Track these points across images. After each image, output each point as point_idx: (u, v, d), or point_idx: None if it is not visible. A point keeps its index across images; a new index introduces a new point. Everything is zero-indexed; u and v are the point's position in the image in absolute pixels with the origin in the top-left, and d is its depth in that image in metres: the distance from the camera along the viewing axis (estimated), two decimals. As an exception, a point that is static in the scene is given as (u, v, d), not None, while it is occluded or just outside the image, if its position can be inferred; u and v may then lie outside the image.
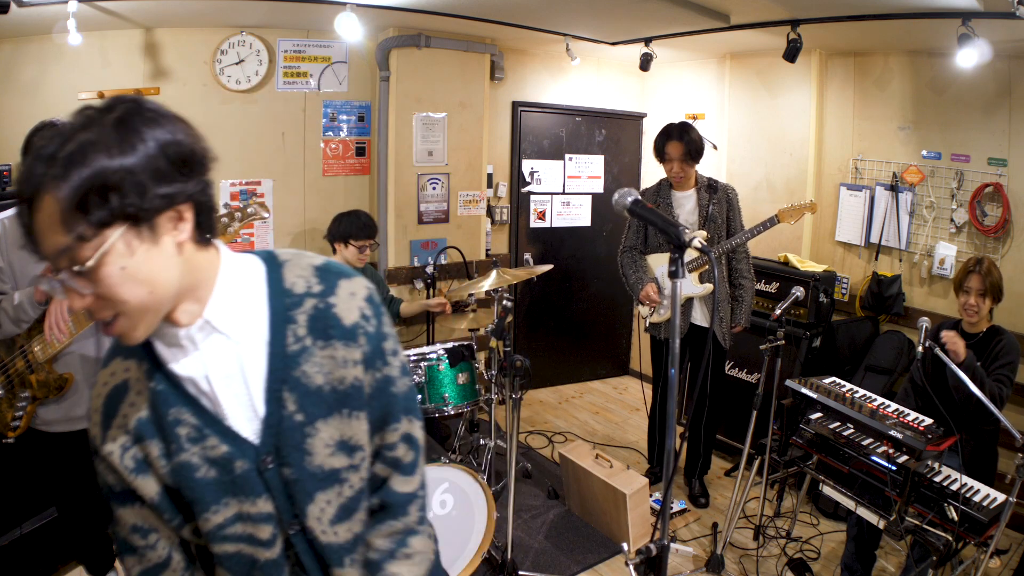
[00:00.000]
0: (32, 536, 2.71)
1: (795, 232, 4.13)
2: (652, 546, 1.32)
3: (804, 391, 2.73)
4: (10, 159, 3.13)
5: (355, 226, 3.41)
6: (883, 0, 2.77)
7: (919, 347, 2.40)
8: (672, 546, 3.00)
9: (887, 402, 2.61)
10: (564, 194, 4.94)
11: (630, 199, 1.37)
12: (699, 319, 3.37)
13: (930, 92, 3.57)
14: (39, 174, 0.75)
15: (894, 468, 2.38)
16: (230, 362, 0.92)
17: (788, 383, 2.83)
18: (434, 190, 4.22)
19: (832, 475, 2.65)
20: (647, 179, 5.15)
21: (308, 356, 0.94)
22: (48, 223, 0.76)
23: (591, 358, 5.35)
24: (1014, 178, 3.27)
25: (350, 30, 3.20)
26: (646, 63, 4.13)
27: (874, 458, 2.46)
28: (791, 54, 3.31)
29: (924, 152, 3.60)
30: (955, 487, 2.28)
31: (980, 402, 2.25)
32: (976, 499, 2.26)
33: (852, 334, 3.76)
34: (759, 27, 3.44)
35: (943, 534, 2.24)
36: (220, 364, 0.91)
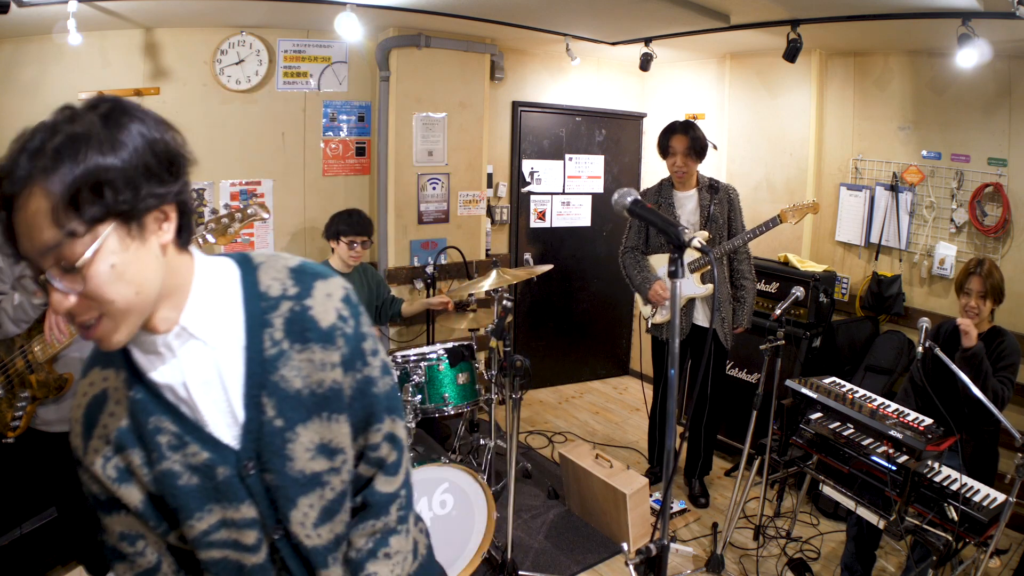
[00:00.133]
0: (32, 536, 2.71)
1: (795, 232, 4.13)
2: (652, 546, 1.32)
3: (804, 391, 2.73)
4: (10, 159, 3.13)
5: (345, 222, 3.44)
6: (883, 0, 2.77)
7: (919, 347, 2.40)
8: (672, 546, 3.00)
9: (887, 402, 2.62)
10: (564, 194, 4.94)
11: (630, 199, 1.38)
12: (701, 320, 3.37)
13: (930, 92, 3.57)
14: (26, 168, 0.73)
15: (894, 468, 2.38)
16: (208, 368, 0.90)
17: (788, 383, 2.83)
18: (434, 190, 4.22)
19: (832, 475, 2.65)
20: (647, 179, 5.15)
21: (286, 360, 0.93)
22: (35, 219, 0.74)
23: (591, 358, 5.35)
24: (1014, 178, 3.27)
25: (350, 30, 3.20)
26: (646, 63, 4.13)
27: (874, 458, 2.46)
28: (791, 54, 3.31)
29: (924, 152, 3.60)
30: (955, 487, 2.28)
31: (981, 402, 2.25)
32: (976, 499, 2.26)
33: (852, 334, 3.76)
34: (759, 27, 3.44)
35: (943, 534, 2.24)
36: (198, 371, 0.90)
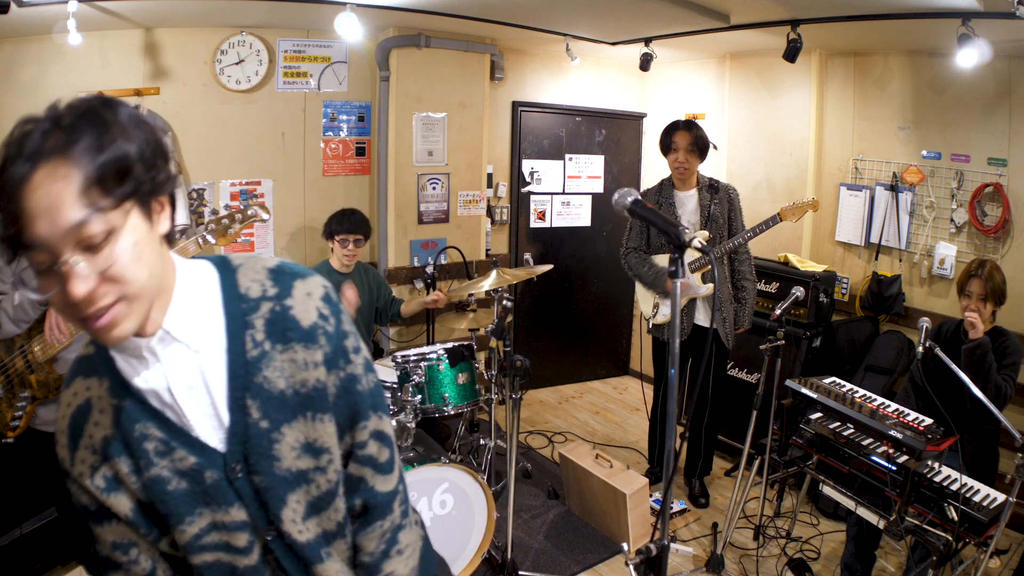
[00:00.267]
0: (32, 536, 2.71)
1: (795, 232, 4.13)
2: (652, 546, 1.32)
3: (804, 391, 2.73)
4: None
5: (338, 221, 3.47)
6: (883, 0, 2.77)
7: (919, 347, 2.40)
8: (672, 546, 3.00)
9: (887, 402, 2.62)
10: (564, 194, 4.94)
11: (630, 199, 1.38)
12: (702, 319, 3.37)
13: (930, 92, 3.57)
14: (46, 144, 0.71)
15: (894, 468, 2.38)
16: (191, 372, 0.90)
17: (788, 383, 2.83)
18: (434, 190, 4.22)
19: (832, 475, 2.65)
20: (647, 179, 5.15)
21: (268, 361, 0.92)
22: (60, 197, 0.72)
23: (591, 358, 5.34)
24: (1014, 178, 3.27)
25: (350, 30, 3.20)
26: (646, 63, 4.13)
27: (874, 458, 2.46)
28: (791, 54, 3.31)
29: (924, 152, 3.60)
30: (955, 487, 2.28)
31: (982, 401, 2.25)
32: (976, 499, 2.26)
33: (852, 334, 3.76)
34: (759, 27, 3.44)
35: (943, 534, 2.24)
36: (181, 375, 0.90)
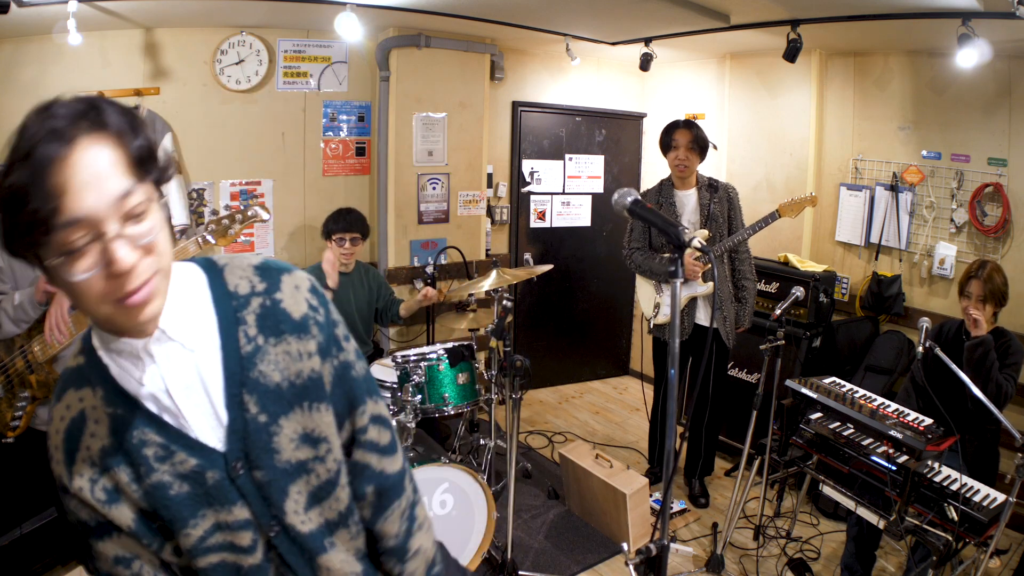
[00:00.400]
0: (32, 536, 2.70)
1: (795, 232, 4.13)
2: (652, 546, 1.32)
3: (804, 391, 2.73)
4: (10, 159, 3.13)
5: (334, 221, 3.49)
6: (883, 0, 2.77)
7: (919, 347, 2.40)
8: (672, 546, 3.00)
9: (887, 402, 2.62)
10: (564, 194, 4.94)
11: (630, 199, 1.38)
12: (703, 319, 3.37)
13: (930, 92, 3.57)
14: (80, 122, 0.74)
15: (894, 468, 2.38)
16: (188, 372, 0.90)
17: (788, 383, 2.83)
18: (434, 190, 4.22)
19: (832, 475, 2.66)
20: (647, 179, 5.15)
21: (263, 355, 0.93)
22: (108, 168, 0.75)
23: (591, 358, 5.35)
24: (1014, 178, 3.27)
25: (350, 30, 3.20)
26: (646, 63, 4.13)
27: (874, 458, 2.46)
28: (791, 54, 3.31)
29: (924, 152, 3.60)
30: (955, 487, 2.28)
31: (982, 401, 2.24)
32: (976, 499, 2.27)
33: (852, 334, 3.76)
34: (759, 27, 3.44)
35: (943, 534, 2.24)
36: (178, 376, 0.90)
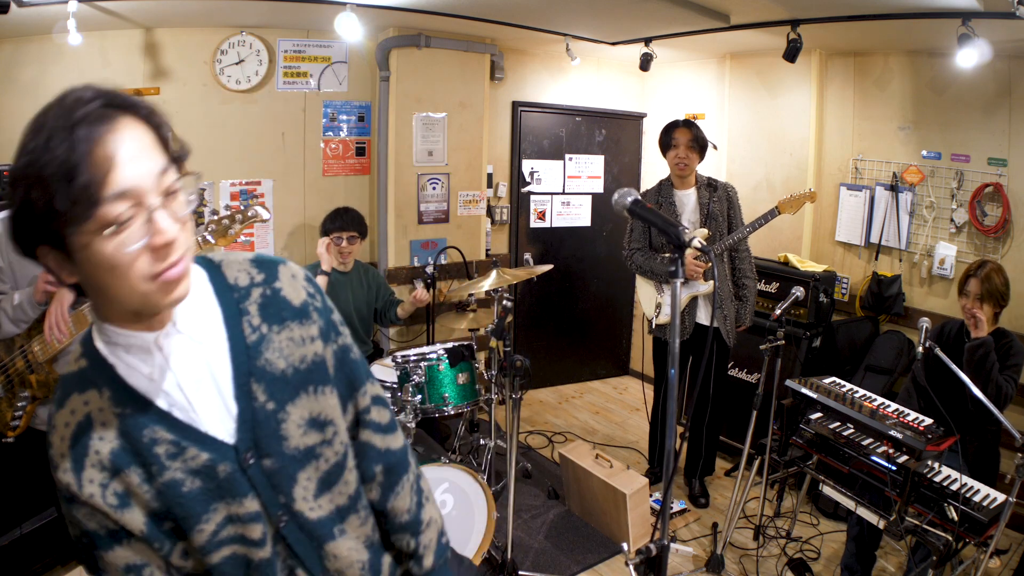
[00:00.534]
0: (32, 536, 2.71)
1: (795, 232, 4.13)
2: (652, 546, 1.32)
3: (804, 391, 2.73)
4: (10, 159, 3.12)
5: (331, 220, 3.49)
6: (883, 0, 2.77)
7: (919, 347, 2.40)
8: (672, 546, 3.00)
9: (887, 402, 2.61)
10: (564, 194, 4.94)
11: (630, 199, 1.38)
12: (703, 318, 3.37)
13: (930, 92, 3.57)
14: (114, 104, 0.77)
15: (894, 468, 2.38)
16: (198, 365, 0.91)
17: (788, 383, 2.83)
18: (434, 190, 4.22)
19: (832, 475, 2.65)
20: (647, 179, 5.15)
21: (268, 343, 0.95)
22: (144, 146, 0.79)
23: (591, 358, 5.34)
24: (1014, 178, 3.26)
25: (350, 30, 3.20)
26: (646, 63, 4.13)
27: (874, 458, 2.46)
28: (791, 54, 3.31)
29: (924, 152, 3.60)
30: (955, 487, 2.28)
31: (983, 402, 2.24)
32: (976, 499, 2.27)
33: (852, 334, 3.76)
34: (759, 27, 3.44)
35: (943, 534, 2.24)
36: (189, 369, 0.90)
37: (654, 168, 5.01)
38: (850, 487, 2.56)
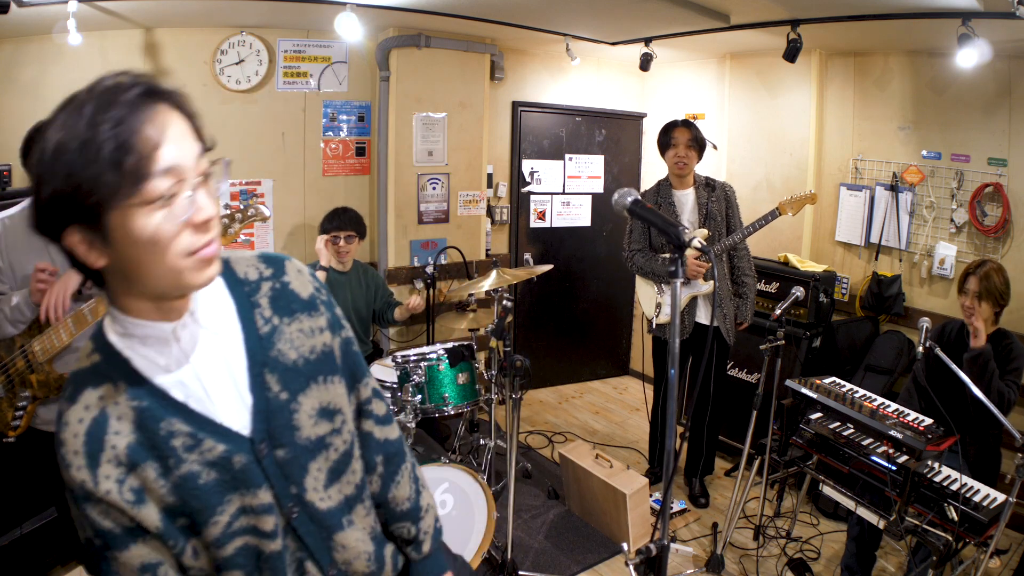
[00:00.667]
0: (32, 536, 2.71)
1: (795, 232, 4.13)
2: (652, 546, 1.32)
3: (804, 391, 2.73)
4: (10, 159, 3.12)
5: (329, 219, 3.49)
6: (883, 0, 2.77)
7: (920, 347, 2.40)
8: (672, 546, 3.00)
9: (887, 402, 2.61)
10: (564, 194, 4.94)
11: (630, 199, 1.38)
12: (703, 318, 3.38)
13: (930, 92, 3.57)
14: (151, 91, 0.81)
15: (894, 468, 2.38)
16: (214, 356, 0.93)
17: (788, 383, 2.83)
18: (434, 190, 4.22)
19: (832, 475, 2.65)
20: (647, 179, 5.15)
21: (279, 335, 0.98)
22: (184, 130, 0.83)
23: (591, 358, 5.34)
24: (1014, 178, 3.26)
25: (350, 30, 3.20)
26: (646, 63, 4.13)
27: (874, 458, 2.46)
28: (791, 54, 3.31)
29: (924, 152, 3.60)
30: (955, 487, 2.28)
31: (984, 405, 2.24)
32: (976, 499, 2.26)
33: (852, 334, 3.76)
34: (759, 27, 3.44)
35: (943, 534, 2.24)
36: (207, 360, 0.92)
37: (654, 168, 5.01)
38: (850, 487, 2.56)
